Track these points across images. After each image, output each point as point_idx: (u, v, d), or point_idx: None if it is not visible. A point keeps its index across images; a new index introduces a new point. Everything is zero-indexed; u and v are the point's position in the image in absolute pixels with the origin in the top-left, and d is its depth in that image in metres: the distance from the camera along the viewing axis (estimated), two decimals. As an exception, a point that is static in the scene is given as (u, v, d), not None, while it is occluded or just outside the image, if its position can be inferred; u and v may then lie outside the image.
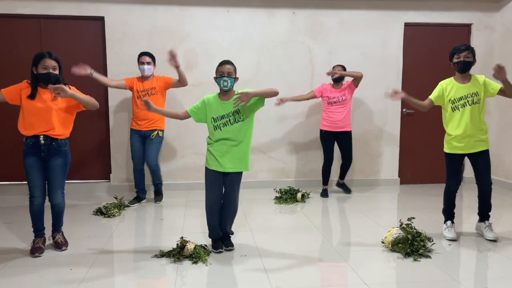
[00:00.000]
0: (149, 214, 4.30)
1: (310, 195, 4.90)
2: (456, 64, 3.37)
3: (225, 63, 3.04)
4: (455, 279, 2.73)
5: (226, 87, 3.02)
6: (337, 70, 4.80)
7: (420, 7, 5.39)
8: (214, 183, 3.12)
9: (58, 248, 3.20)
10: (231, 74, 3.02)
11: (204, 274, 2.81)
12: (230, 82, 3.01)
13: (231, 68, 3.03)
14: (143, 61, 4.44)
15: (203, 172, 5.09)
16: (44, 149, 3.02)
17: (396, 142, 5.54)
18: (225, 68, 3.02)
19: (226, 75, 3.00)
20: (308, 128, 5.38)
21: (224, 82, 3.00)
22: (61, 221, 3.28)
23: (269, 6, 5.20)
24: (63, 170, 3.11)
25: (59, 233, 3.28)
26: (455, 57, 3.36)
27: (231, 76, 3.02)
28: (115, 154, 5.14)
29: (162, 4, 5.03)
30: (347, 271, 2.87)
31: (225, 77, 3.00)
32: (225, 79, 3.00)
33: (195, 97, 5.05)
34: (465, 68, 3.35)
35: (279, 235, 3.58)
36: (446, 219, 3.56)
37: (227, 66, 3.02)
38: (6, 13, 4.82)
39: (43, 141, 3.00)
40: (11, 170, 5.02)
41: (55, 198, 3.11)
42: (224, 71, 3.01)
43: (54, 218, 3.24)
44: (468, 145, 3.37)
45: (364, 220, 4.07)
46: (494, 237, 3.40)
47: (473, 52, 3.36)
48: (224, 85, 3.01)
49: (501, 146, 5.42)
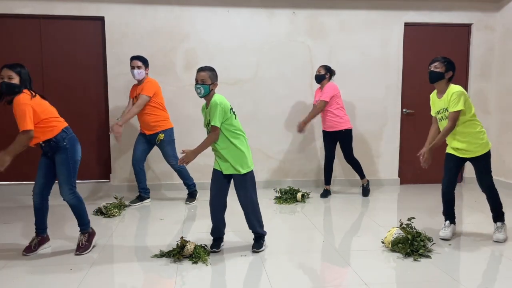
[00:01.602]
0: (149, 214, 4.30)
1: (310, 195, 4.90)
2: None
3: (200, 70, 3.06)
4: (455, 279, 2.73)
5: (200, 94, 3.05)
6: (321, 69, 4.77)
7: (420, 7, 5.39)
8: (214, 181, 3.18)
9: (76, 250, 3.16)
10: (204, 81, 3.03)
11: (204, 274, 2.81)
12: (204, 89, 3.02)
13: (205, 75, 3.04)
14: (134, 65, 4.38)
15: (202, 172, 5.16)
16: (47, 149, 3.09)
17: (396, 142, 5.54)
18: (199, 75, 3.04)
19: (199, 82, 3.03)
20: (308, 128, 5.38)
21: (198, 89, 3.04)
22: (80, 219, 3.20)
23: (269, 6, 5.20)
24: (66, 166, 3.08)
25: (83, 234, 3.21)
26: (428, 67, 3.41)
27: (204, 83, 3.02)
28: (115, 154, 5.14)
29: (162, 4, 5.03)
30: (347, 271, 2.87)
31: (198, 84, 3.03)
32: (198, 86, 3.03)
33: (193, 98, 5.07)
34: (432, 79, 3.41)
35: (279, 235, 3.58)
36: (445, 219, 3.55)
37: (201, 73, 3.04)
38: (6, 13, 4.82)
39: (43, 144, 3.08)
40: (11, 170, 5.00)
41: (63, 194, 3.10)
42: (198, 78, 3.04)
43: (75, 216, 3.21)
44: (460, 152, 3.39)
45: (364, 220, 4.07)
46: (497, 239, 3.37)
47: (445, 63, 3.33)
48: (198, 92, 3.04)
49: (501, 146, 5.42)
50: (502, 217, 3.43)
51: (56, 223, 3.83)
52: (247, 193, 3.14)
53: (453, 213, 3.53)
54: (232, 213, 3.72)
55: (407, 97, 5.53)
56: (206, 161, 5.17)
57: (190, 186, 4.70)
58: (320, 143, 5.38)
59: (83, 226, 3.22)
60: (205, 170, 5.21)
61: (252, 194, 3.16)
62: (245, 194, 3.14)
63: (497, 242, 3.35)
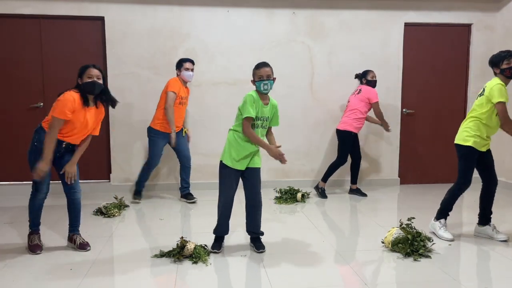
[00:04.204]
0: (149, 214, 4.30)
1: (310, 195, 4.90)
2: (507, 69, 3.26)
3: (263, 66, 3.05)
4: (455, 279, 2.73)
5: (266, 90, 3.04)
6: (371, 76, 4.89)
7: (420, 7, 5.39)
8: (234, 180, 3.17)
9: (83, 249, 3.19)
10: (270, 76, 3.04)
11: (204, 274, 2.81)
12: (270, 84, 3.04)
13: (270, 71, 3.05)
14: (188, 68, 4.48)
15: (202, 172, 5.16)
16: (61, 150, 3.10)
17: (396, 142, 5.54)
18: (265, 71, 3.02)
19: (265, 78, 3.02)
20: (308, 128, 5.39)
21: (265, 85, 3.02)
22: (79, 219, 3.30)
23: (269, 6, 5.20)
24: (77, 165, 3.19)
25: (79, 234, 3.28)
26: (505, 62, 3.27)
27: (270, 78, 3.04)
28: (115, 154, 5.14)
29: (162, 4, 5.03)
30: (347, 271, 2.87)
31: (265, 80, 3.01)
32: (266, 82, 3.02)
33: (195, 97, 5.10)
34: None
35: (279, 235, 3.58)
36: (442, 217, 3.52)
37: (267, 69, 3.03)
38: (6, 13, 4.82)
39: (64, 144, 3.09)
40: (11, 170, 5.03)
41: (78, 191, 3.20)
42: (264, 74, 3.02)
43: (76, 216, 3.26)
44: (486, 146, 3.45)
45: (364, 220, 4.07)
46: (507, 237, 3.41)
47: None
48: (265, 88, 3.02)
49: (501, 146, 5.42)
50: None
51: (57, 223, 3.84)
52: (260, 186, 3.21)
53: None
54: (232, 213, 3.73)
55: (407, 97, 5.53)
56: (206, 161, 5.19)
57: (188, 187, 4.74)
58: (320, 143, 5.39)
59: (78, 226, 3.30)
60: (204, 170, 5.22)
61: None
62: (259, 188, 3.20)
63: (505, 241, 3.41)
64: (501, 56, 3.30)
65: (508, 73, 3.27)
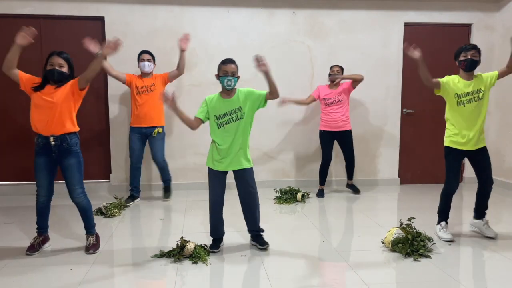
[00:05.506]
0: (149, 214, 4.30)
1: (310, 195, 4.90)
2: (462, 62, 3.37)
3: (229, 62, 3.08)
4: (455, 279, 2.73)
5: (229, 86, 3.06)
6: (336, 71, 4.82)
7: (420, 7, 5.39)
8: (220, 181, 3.26)
9: (86, 251, 3.17)
10: (234, 73, 3.07)
11: (204, 274, 2.81)
12: (234, 81, 3.06)
13: (234, 68, 3.08)
14: (144, 58, 4.54)
15: (203, 172, 5.15)
16: (55, 150, 3.02)
17: (396, 142, 5.54)
18: (229, 67, 3.05)
19: (230, 74, 3.04)
20: (308, 128, 5.38)
21: (229, 81, 3.04)
22: (89, 221, 3.22)
23: (269, 6, 5.20)
24: (78, 169, 3.11)
25: (91, 236, 3.24)
26: (462, 55, 3.37)
27: (234, 75, 3.07)
28: (115, 154, 5.14)
29: (162, 4, 5.04)
30: (347, 271, 2.87)
31: (229, 76, 3.03)
32: (229, 78, 3.04)
33: (194, 97, 5.09)
34: (472, 66, 3.35)
35: (279, 235, 3.58)
36: (442, 220, 3.52)
37: (232, 66, 3.07)
38: (6, 13, 4.82)
39: (53, 142, 3.01)
40: (12, 170, 5.03)
41: (75, 196, 3.12)
42: (228, 70, 3.04)
43: (82, 218, 3.21)
44: (471, 142, 3.35)
45: (364, 220, 4.07)
46: (495, 234, 3.45)
47: (479, 52, 3.37)
48: (229, 84, 3.05)
49: (501, 146, 5.42)
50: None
51: (57, 223, 3.83)
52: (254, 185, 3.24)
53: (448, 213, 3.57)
54: (232, 213, 3.73)
55: (407, 97, 5.53)
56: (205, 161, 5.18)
57: (167, 182, 4.83)
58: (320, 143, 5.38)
59: (91, 229, 3.24)
60: (204, 170, 5.19)
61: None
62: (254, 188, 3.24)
63: (493, 238, 3.45)
64: (460, 49, 3.42)
65: (462, 65, 3.38)
